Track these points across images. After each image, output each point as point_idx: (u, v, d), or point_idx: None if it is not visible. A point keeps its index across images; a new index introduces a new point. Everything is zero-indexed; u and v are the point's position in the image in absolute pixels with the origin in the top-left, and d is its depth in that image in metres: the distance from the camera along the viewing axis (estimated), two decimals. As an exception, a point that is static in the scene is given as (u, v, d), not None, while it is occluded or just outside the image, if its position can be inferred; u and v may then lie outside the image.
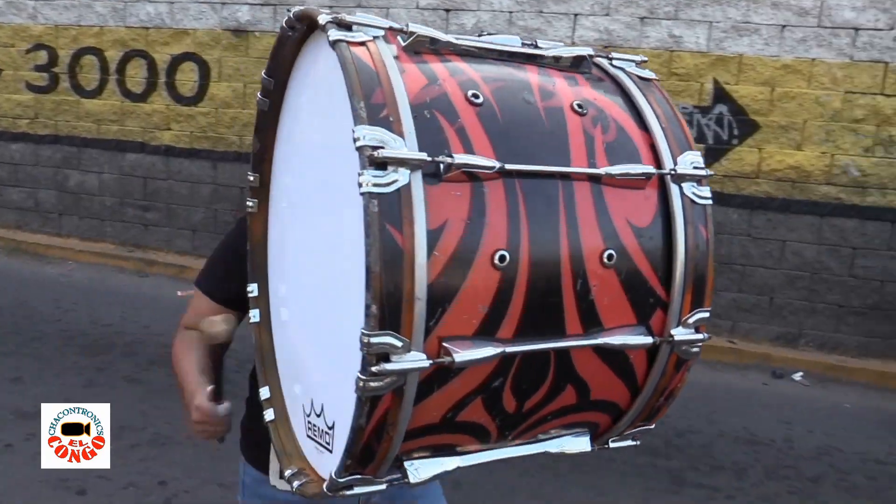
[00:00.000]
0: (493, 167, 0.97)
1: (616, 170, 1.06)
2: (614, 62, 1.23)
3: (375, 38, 1.03)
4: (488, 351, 0.98)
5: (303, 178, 1.28)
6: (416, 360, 0.93)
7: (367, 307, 0.91)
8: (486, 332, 0.99)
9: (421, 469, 1.07)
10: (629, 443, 1.23)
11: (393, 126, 0.94)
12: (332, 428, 1.16)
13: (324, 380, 1.20)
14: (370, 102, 0.95)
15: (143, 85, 7.98)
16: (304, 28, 1.20)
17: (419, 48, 1.07)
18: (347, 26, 1.03)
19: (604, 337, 1.06)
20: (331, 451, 1.17)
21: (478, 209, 0.97)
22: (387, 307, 0.91)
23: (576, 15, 6.83)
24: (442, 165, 0.95)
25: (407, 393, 0.96)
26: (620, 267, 1.05)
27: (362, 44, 1.01)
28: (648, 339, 1.08)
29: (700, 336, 1.11)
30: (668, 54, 6.64)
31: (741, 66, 6.50)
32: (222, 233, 7.96)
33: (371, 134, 0.92)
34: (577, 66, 1.18)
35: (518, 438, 1.14)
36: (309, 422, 1.26)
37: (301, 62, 1.27)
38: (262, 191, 1.45)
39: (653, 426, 1.22)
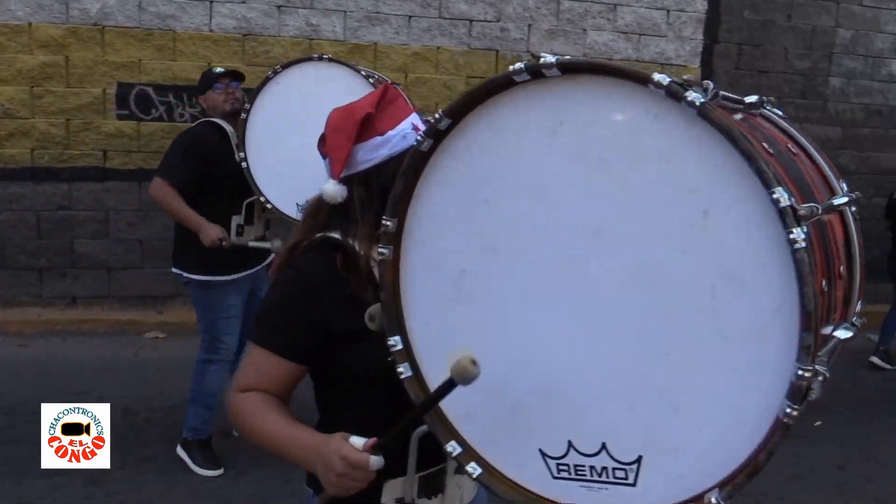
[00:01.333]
0: (819, 210, 1.13)
1: (837, 201, 1.29)
2: (765, 104, 1.43)
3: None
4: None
5: (534, 225, 1.25)
6: (819, 386, 1.07)
7: (808, 347, 1.03)
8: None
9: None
10: None
11: (785, 183, 1.05)
12: (634, 462, 1.23)
13: (609, 420, 1.24)
14: (767, 162, 1.04)
15: None
16: (557, 74, 1.18)
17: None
18: (685, 86, 1.08)
19: (836, 332, 1.28)
20: (633, 485, 1.23)
21: (816, 247, 1.13)
22: (815, 344, 1.03)
23: (212, 2, 6.57)
24: (814, 213, 1.07)
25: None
26: (844, 279, 1.30)
27: (708, 105, 1.07)
28: (852, 332, 1.34)
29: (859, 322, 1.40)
30: (307, 43, 6.78)
31: (377, 53, 6.93)
32: None
33: (786, 193, 1.02)
34: (754, 108, 1.36)
35: None
36: (561, 463, 1.29)
37: (511, 104, 1.24)
38: (396, 236, 1.38)
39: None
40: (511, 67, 1.21)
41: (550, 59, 1.16)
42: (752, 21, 7.69)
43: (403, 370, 1.39)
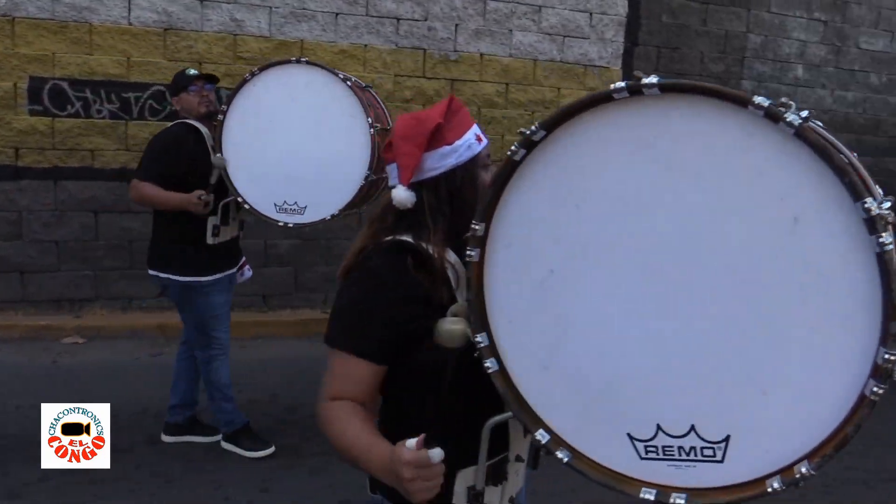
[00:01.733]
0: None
1: (885, 205, 1.40)
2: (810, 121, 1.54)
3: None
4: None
5: (625, 228, 1.34)
6: (898, 371, 1.18)
7: (895, 335, 1.14)
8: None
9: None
10: None
11: (869, 192, 1.15)
12: (723, 441, 1.34)
13: (698, 404, 1.34)
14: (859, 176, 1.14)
15: None
16: (656, 94, 1.25)
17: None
18: (782, 109, 1.17)
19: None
20: (721, 461, 1.34)
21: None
22: (898, 334, 1.15)
23: (133, -6, 6.34)
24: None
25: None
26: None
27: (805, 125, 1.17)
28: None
29: None
30: (232, 38, 6.65)
31: (303, 50, 6.87)
32: None
33: (875, 203, 1.12)
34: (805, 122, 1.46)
35: None
36: (649, 445, 1.39)
37: (606, 118, 1.32)
38: (482, 239, 1.45)
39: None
40: (612, 86, 1.28)
41: (652, 79, 1.23)
42: (670, 25, 8.05)
43: (490, 365, 1.47)
